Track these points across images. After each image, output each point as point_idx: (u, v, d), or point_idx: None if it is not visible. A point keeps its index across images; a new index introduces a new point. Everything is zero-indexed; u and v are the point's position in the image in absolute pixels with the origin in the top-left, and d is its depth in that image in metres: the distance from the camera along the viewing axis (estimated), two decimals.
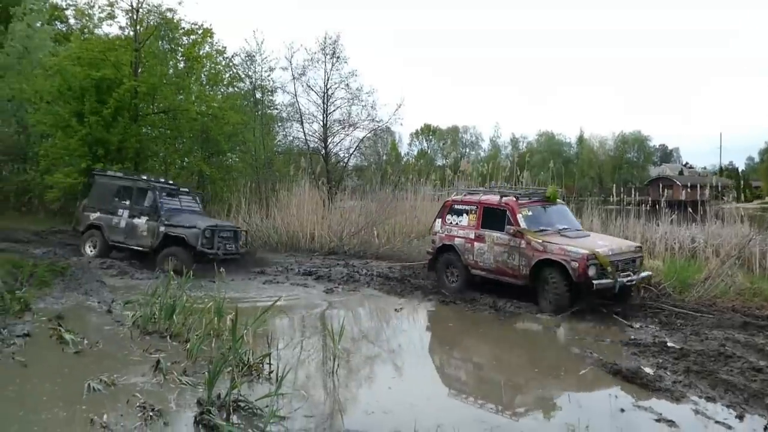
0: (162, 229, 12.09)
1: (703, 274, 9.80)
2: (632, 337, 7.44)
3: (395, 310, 9.06)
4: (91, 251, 12.98)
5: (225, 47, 19.66)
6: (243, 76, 20.77)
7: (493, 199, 9.90)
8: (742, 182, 45.24)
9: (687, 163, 69.18)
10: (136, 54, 16.68)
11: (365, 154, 26.19)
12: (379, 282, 10.69)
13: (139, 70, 17.17)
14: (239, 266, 12.13)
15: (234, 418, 4.73)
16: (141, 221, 12.45)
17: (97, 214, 13.03)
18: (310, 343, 7.08)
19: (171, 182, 14.29)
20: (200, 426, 4.60)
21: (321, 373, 6.20)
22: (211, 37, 18.78)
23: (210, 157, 18.43)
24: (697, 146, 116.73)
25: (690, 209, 14.44)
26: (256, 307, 6.81)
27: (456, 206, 10.41)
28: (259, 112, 20.60)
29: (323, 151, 22.68)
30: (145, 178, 13.37)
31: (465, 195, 10.79)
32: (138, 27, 17.24)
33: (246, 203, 16.88)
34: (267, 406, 4.76)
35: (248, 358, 5.79)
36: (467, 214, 10.08)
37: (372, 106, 22.41)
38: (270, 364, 5.89)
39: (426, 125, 69.42)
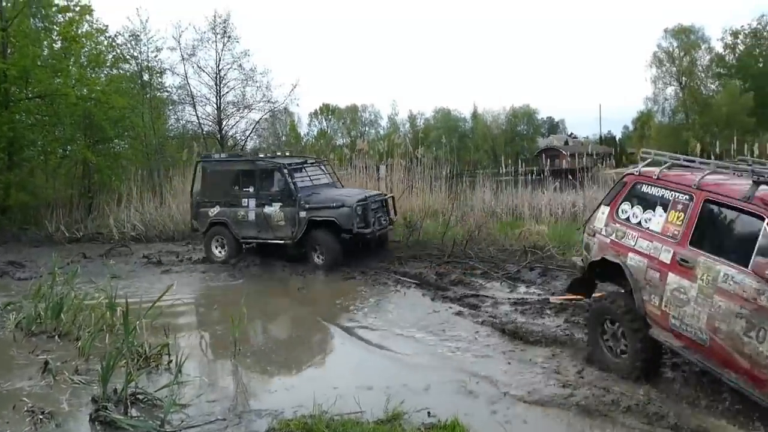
0: (303, 214, 10.26)
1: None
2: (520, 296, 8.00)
3: (297, 289, 9.13)
4: (220, 253, 11.12)
5: (106, 26, 18.37)
6: (128, 57, 19.66)
7: (734, 186, 4.55)
8: (618, 149, 48.90)
9: (572, 134, 73.49)
10: (3, 34, 15.27)
11: (263, 136, 25.81)
12: (281, 264, 10.67)
13: (9, 52, 15.77)
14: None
15: (133, 412, 4.67)
16: (274, 209, 10.54)
17: (217, 209, 11.06)
18: (211, 329, 7.04)
19: (289, 154, 12.63)
20: (96, 423, 4.51)
21: (223, 358, 6.20)
22: (90, 14, 17.50)
23: (95, 145, 17.30)
24: (581, 117, 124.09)
25: (570, 176, 15.53)
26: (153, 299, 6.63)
27: (645, 188, 5.33)
28: (148, 95, 19.62)
29: (219, 134, 22.07)
30: (262, 156, 11.62)
31: (667, 169, 5.26)
32: (4, 3, 15.78)
33: (138, 192, 16.12)
34: (167, 396, 4.73)
35: (145, 350, 5.69)
36: (665, 207, 5.01)
37: (267, 87, 22.07)
38: (168, 354, 5.82)
39: (325, 105, 68.92)
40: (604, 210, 5.70)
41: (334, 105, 69.28)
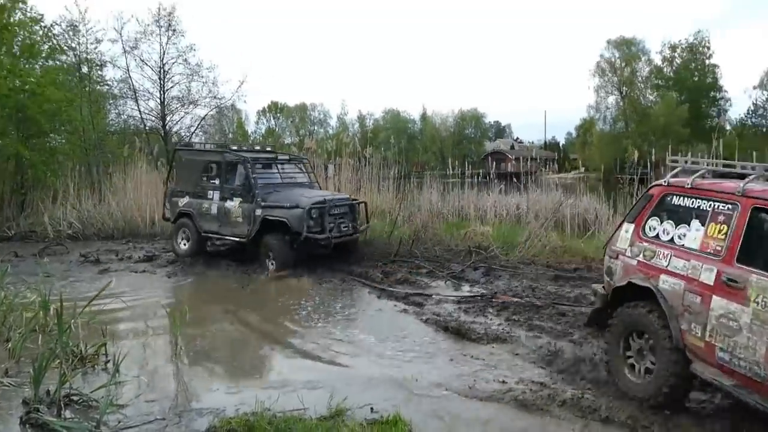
0: (258, 212, 9.77)
1: (524, 236, 10.97)
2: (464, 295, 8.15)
3: (242, 287, 9.01)
4: (184, 245, 10.88)
5: (42, 15, 17.54)
6: (65, 48, 18.87)
7: None
8: (562, 155, 50.53)
9: (517, 138, 75.42)
10: None
11: (209, 132, 25.33)
12: (227, 263, 10.48)
13: None
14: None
15: (67, 413, 4.51)
16: (233, 204, 10.14)
17: (186, 199, 10.85)
18: (152, 329, 6.85)
19: (268, 149, 12.18)
20: (27, 426, 4.33)
21: (163, 357, 6.06)
22: (24, 2, 16.74)
23: (29, 139, 16.52)
24: (527, 123, 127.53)
25: (515, 180, 15.94)
26: (92, 301, 6.40)
27: (676, 199, 4.73)
28: (87, 88, 18.89)
29: (162, 130, 21.52)
30: (235, 148, 11.13)
31: (701, 177, 4.70)
32: None
33: (75, 188, 15.48)
34: (103, 397, 4.59)
35: (81, 350, 5.50)
36: (702, 220, 4.42)
37: (213, 83, 21.70)
38: (106, 354, 5.65)
39: (273, 102, 68.19)
40: (628, 228, 5.00)
41: (282, 103, 68.72)
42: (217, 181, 10.59)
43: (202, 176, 10.88)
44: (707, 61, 52.75)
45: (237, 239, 10.25)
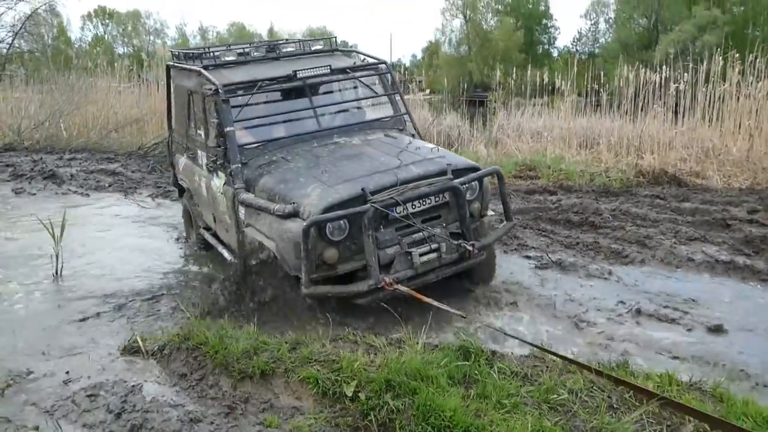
0: (242, 213, 4.40)
1: None
2: None
3: (143, 205, 8.00)
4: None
5: None
6: None
7: None
8: (410, 76, 51.55)
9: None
10: None
11: (25, 37, 22.05)
12: (83, 177, 9.45)
13: None
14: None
15: None
16: (218, 185, 4.85)
17: (183, 161, 5.90)
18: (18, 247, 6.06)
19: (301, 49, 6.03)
20: None
21: (44, 275, 5.43)
22: None
23: None
24: (374, 44, 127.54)
25: None
26: None
27: None
28: None
29: None
30: (215, 52, 5.32)
31: None
32: None
33: None
34: None
35: None
36: None
37: None
38: None
39: (101, 7, 60.55)
40: None
41: (112, 9, 61.39)
42: (202, 133, 5.19)
43: (189, 120, 5.59)
44: None
45: (228, 257, 5.07)
